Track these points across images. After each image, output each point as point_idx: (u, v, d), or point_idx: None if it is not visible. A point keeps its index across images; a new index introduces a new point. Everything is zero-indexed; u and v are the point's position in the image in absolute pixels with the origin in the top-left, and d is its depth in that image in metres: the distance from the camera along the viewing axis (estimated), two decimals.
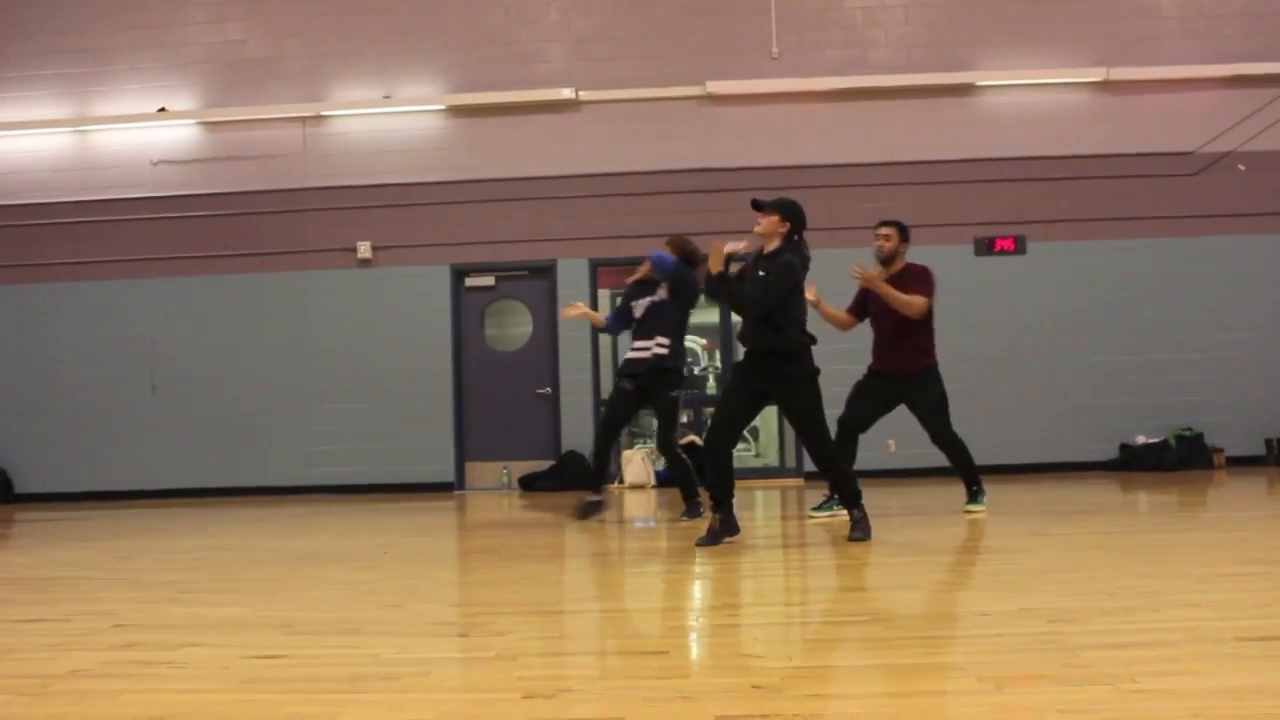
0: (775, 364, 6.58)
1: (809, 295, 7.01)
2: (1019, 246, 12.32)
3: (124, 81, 13.22)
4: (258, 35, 13.24)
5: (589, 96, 12.84)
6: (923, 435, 8.24)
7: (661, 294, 8.29)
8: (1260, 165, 12.33)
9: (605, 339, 13.26)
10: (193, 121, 13.15)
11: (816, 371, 6.62)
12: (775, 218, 6.84)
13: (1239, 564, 5.33)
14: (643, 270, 8.49)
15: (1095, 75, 12.51)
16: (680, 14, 12.90)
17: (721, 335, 13.47)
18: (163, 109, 13.08)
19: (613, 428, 8.51)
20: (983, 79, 12.62)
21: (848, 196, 12.53)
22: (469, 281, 13.04)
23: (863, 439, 8.23)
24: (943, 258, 11.66)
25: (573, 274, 12.81)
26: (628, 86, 12.80)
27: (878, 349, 8.05)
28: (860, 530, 6.62)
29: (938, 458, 8.28)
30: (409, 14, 13.08)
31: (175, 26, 13.26)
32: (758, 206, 6.89)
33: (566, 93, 12.77)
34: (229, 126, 13.12)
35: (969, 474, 8.08)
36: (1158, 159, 12.45)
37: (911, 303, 7.67)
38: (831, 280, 8.54)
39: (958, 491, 8.42)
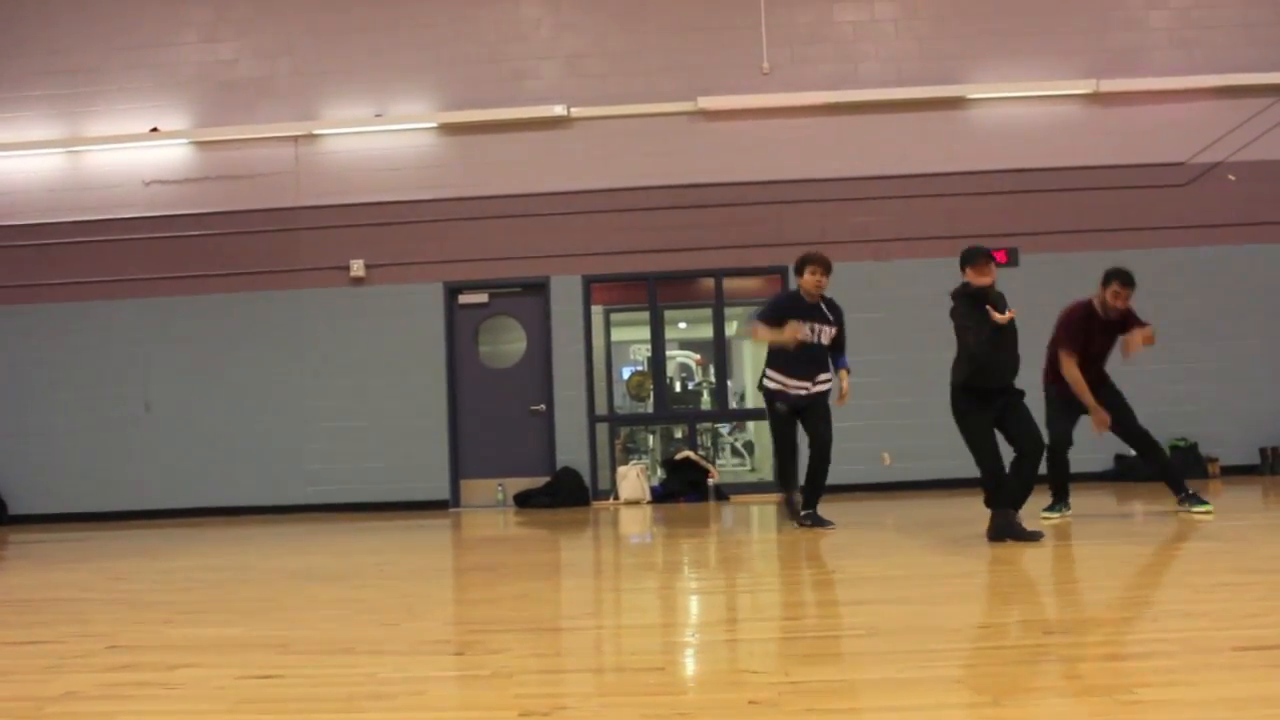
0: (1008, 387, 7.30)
1: None
2: (1011, 259, 12.33)
3: (116, 102, 13.23)
4: (249, 55, 13.26)
5: (581, 113, 12.86)
6: (916, 449, 8.29)
7: (830, 334, 8.49)
8: (1251, 175, 12.37)
9: (599, 356, 13.28)
10: (185, 141, 13.16)
11: None
12: None
13: (1235, 573, 5.33)
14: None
15: (1085, 87, 12.56)
16: (671, 30, 12.94)
17: (715, 350, 13.47)
18: (155, 129, 13.09)
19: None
20: (973, 92, 12.67)
21: (840, 211, 12.57)
22: (462, 299, 13.03)
23: (859, 453, 8.28)
24: (935, 271, 11.69)
25: (566, 290, 12.83)
26: (619, 103, 12.83)
27: (1088, 379, 8.24)
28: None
29: (932, 470, 8.28)
30: (400, 32, 13.11)
31: (167, 46, 13.28)
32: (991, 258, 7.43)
33: (558, 109, 12.80)
34: (221, 146, 13.13)
35: (1174, 478, 8.36)
36: (1148, 170, 12.49)
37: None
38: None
39: (950, 504, 8.43)
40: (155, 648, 4.49)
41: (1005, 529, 6.96)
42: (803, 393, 8.33)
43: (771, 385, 8.44)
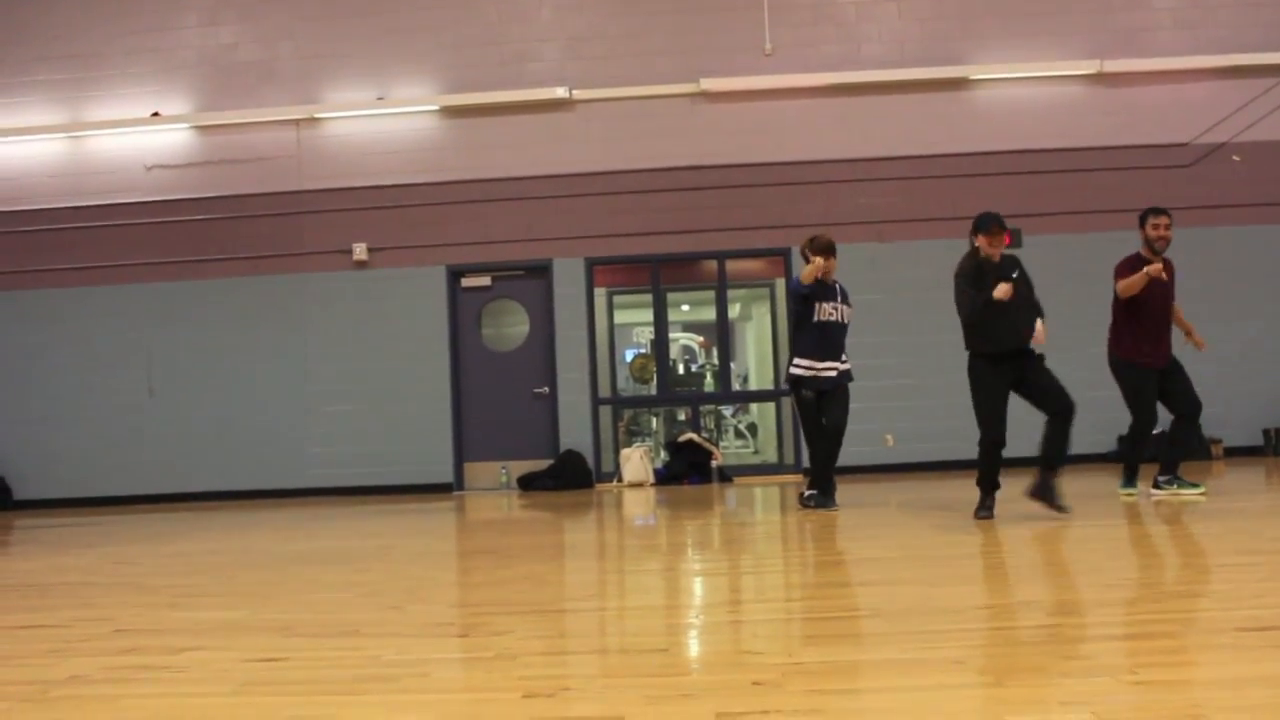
0: (1025, 351, 7.37)
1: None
2: (1015, 240, 12.30)
3: (117, 86, 13.21)
4: (250, 39, 13.23)
5: (582, 95, 12.84)
6: (919, 430, 8.34)
7: (849, 314, 8.57)
8: (1255, 156, 12.34)
9: (602, 338, 13.28)
10: (186, 126, 13.14)
11: None
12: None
13: (1238, 554, 5.33)
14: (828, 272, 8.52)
15: (1089, 68, 12.52)
16: (673, 11, 12.89)
17: (719, 332, 13.44)
18: (156, 113, 13.08)
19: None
20: (976, 73, 12.63)
21: (843, 192, 12.54)
22: (465, 282, 13.03)
23: (862, 434, 8.31)
24: (938, 252, 11.68)
25: (569, 273, 12.82)
26: (621, 85, 12.80)
27: (1148, 342, 8.39)
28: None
29: (935, 452, 8.28)
30: (401, 15, 13.07)
31: (167, 31, 13.26)
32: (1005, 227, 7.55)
33: (560, 92, 12.77)
34: (223, 130, 13.11)
35: (1179, 457, 8.41)
36: (1153, 150, 12.46)
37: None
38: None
39: (953, 485, 8.43)
40: (160, 631, 4.50)
41: (1043, 490, 7.15)
42: (832, 374, 8.39)
43: (798, 372, 8.45)
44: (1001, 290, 7.15)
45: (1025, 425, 7.58)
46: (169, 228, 13.04)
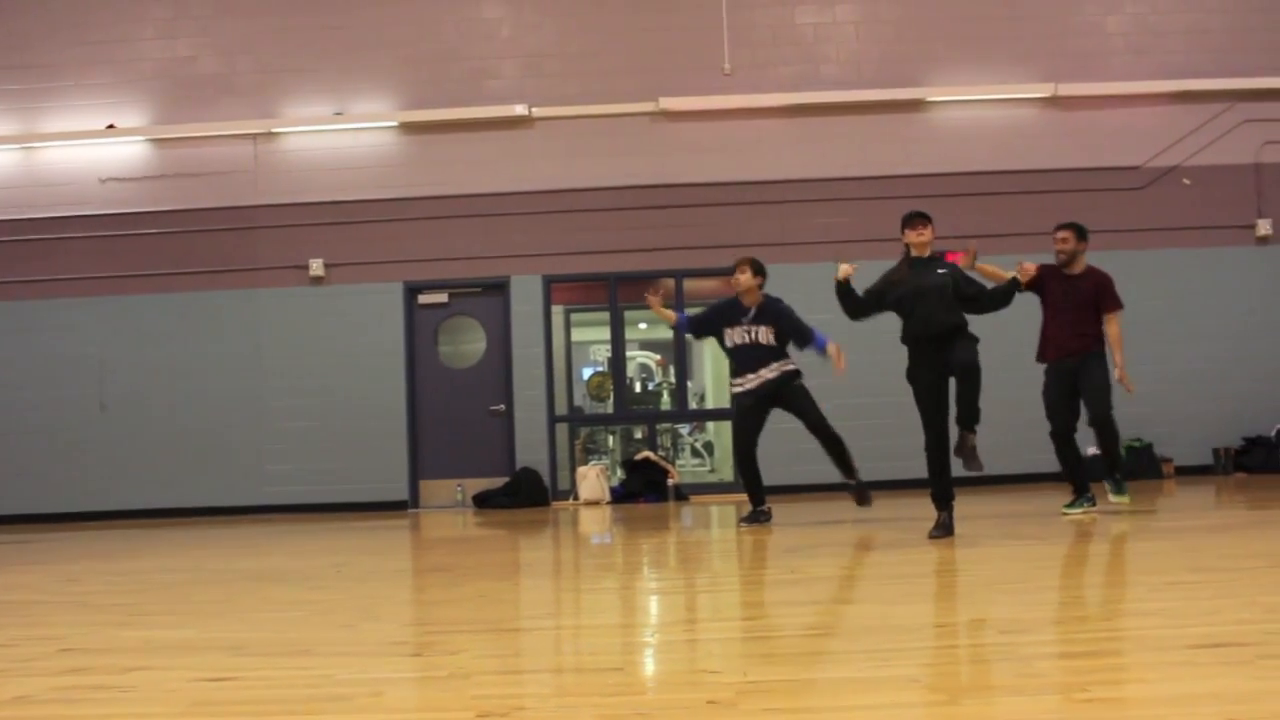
0: (957, 337, 7.34)
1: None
2: (971, 260, 12.38)
3: (72, 98, 13.07)
4: (208, 52, 13.13)
5: (542, 113, 12.84)
6: (877, 449, 8.43)
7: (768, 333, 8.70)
8: (1205, 179, 12.52)
9: (559, 356, 13.26)
10: (142, 139, 13.02)
11: None
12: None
13: (1189, 572, 5.39)
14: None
15: (1043, 91, 12.66)
16: (633, 30, 12.93)
17: (676, 350, 13.43)
18: (111, 126, 12.95)
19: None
20: (933, 95, 12.75)
21: (800, 212, 12.61)
22: (422, 299, 12.98)
23: (818, 453, 8.37)
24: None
25: (526, 291, 12.79)
26: (580, 103, 12.81)
27: (1054, 338, 8.54)
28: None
29: (890, 470, 8.32)
30: (361, 30, 13.02)
31: (124, 43, 13.13)
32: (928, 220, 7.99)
33: (519, 109, 12.76)
34: (179, 143, 13.00)
35: (1116, 462, 8.48)
36: (1105, 173, 12.60)
37: (1118, 337, 8.59)
38: (786, 295, 8.64)
39: (907, 503, 8.49)
40: (109, 650, 4.44)
41: (958, 449, 7.23)
42: (742, 387, 8.62)
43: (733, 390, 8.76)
44: (843, 270, 7.76)
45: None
46: (123, 241, 12.89)
